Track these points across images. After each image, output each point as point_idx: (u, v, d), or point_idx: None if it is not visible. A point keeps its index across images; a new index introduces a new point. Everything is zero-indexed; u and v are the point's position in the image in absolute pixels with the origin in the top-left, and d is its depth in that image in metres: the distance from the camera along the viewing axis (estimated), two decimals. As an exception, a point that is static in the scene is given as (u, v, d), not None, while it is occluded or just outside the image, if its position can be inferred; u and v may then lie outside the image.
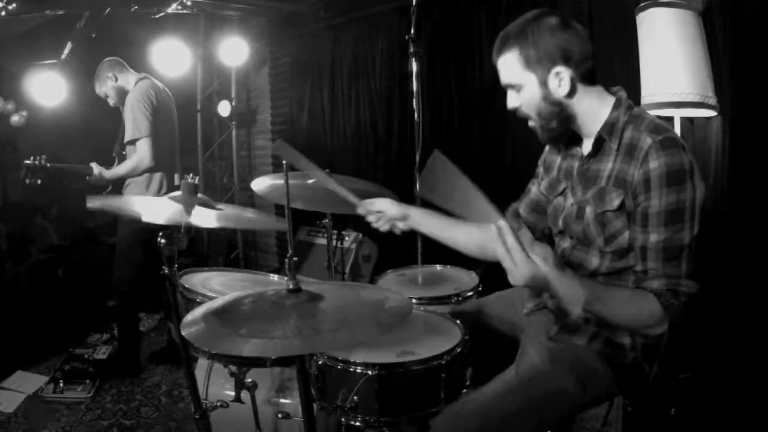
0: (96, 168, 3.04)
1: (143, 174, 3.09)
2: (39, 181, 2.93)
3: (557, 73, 1.36)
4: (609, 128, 1.39)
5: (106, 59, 3.17)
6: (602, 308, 1.30)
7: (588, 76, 1.39)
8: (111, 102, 3.20)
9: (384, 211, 1.78)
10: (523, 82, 1.40)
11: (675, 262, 1.30)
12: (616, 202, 1.37)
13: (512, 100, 1.46)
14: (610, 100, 1.42)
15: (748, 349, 2.13)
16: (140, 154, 3.01)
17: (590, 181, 1.45)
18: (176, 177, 3.23)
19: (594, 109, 1.41)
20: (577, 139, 1.51)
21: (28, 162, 2.89)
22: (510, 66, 1.41)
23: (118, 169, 3.06)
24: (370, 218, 1.81)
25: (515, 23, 1.41)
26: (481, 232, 1.67)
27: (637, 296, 1.32)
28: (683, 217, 1.29)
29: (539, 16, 1.39)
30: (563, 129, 1.45)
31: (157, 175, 3.12)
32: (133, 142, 3.03)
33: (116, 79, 3.13)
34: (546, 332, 1.54)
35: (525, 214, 1.73)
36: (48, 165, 2.94)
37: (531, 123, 1.48)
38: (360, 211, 1.82)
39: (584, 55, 1.37)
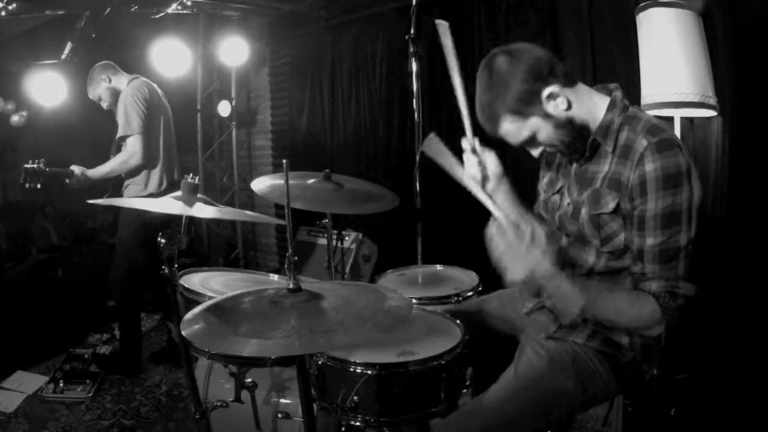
0: (77, 169, 2.97)
1: (141, 172, 3.09)
2: (38, 186, 2.92)
3: (549, 96, 1.33)
4: (604, 131, 1.39)
5: (97, 63, 3.16)
6: (600, 312, 1.34)
7: (568, 78, 1.37)
8: (104, 105, 3.18)
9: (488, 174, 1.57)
10: (531, 130, 1.38)
11: (672, 264, 1.30)
12: (612, 205, 1.37)
13: (535, 150, 1.46)
14: (605, 100, 1.41)
15: (748, 349, 2.13)
16: (130, 151, 2.99)
17: (587, 183, 1.45)
18: (176, 173, 3.22)
19: (591, 110, 1.40)
20: None
21: (27, 166, 2.88)
22: (513, 129, 1.39)
23: (104, 167, 3.02)
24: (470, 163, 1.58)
25: (480, 95, 1.39)
26: None
27: (636, 298, 1.33)
28: (680, 219, 1.28)
29: (489, 67, 1.37)
30: (586, 139, 1.42)
31: (156, 172, 3.12)
32: (124, 138, 3.01)
33: (110, 81, 3.12)
34: (545, 331, 1.54)
35: (548, 218, 1.72)
36: (47, 170, 2.91)
37: (559, 152, 1.47)
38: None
39: (550, 62, 1.34)
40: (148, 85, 3.14)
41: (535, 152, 1.47)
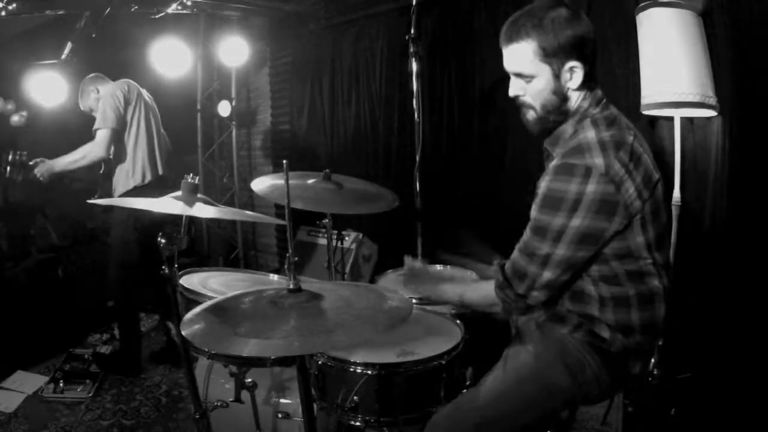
0: (39, 161, 3.05)
1: (125, 161, 3.12)
2: (20, 178, 2.98)
3: (572, 68, 1.34)
4: (554, 140, 1.43)
5: (87, 76, 3.25)
6: (471, 300, 1.53)
7: (593, 78, 1.38)
8: (95, 114, 3.19)
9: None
10: (536, 72, 1.37)
11: (533, 250, 1.35)
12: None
13: (516, 89, 1.43)
14: (586, 120, 1.41)
15: (749, 349, 2.13)
16: (97, 142, 3.05)
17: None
18: (160, 167, 3.21)
19: (574, 113, 1.41)
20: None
21: (9, 158, 2.96)
22: (523, 55, 1.36)
23: (67, 156, 3.09)
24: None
25: (527, 12, 1.37)
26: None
27: (488, 283, 1.46)
28: (559, 206, 1.30)
29: (552, 6, 1.35)
30: (557, 124, 1.43)
31: (139, 163, 3.14)
32: (96, 131, 3.06)
33: (98, 92, 3.20)
34: (534, 321, 1.52)
35: None
36: (30, 163, 3.02)
37: (527, 112, 1.46)
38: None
39: (594, 55, 1.36)
40: (128, 83, 3.20)
41: (512, 91, 1.44)
